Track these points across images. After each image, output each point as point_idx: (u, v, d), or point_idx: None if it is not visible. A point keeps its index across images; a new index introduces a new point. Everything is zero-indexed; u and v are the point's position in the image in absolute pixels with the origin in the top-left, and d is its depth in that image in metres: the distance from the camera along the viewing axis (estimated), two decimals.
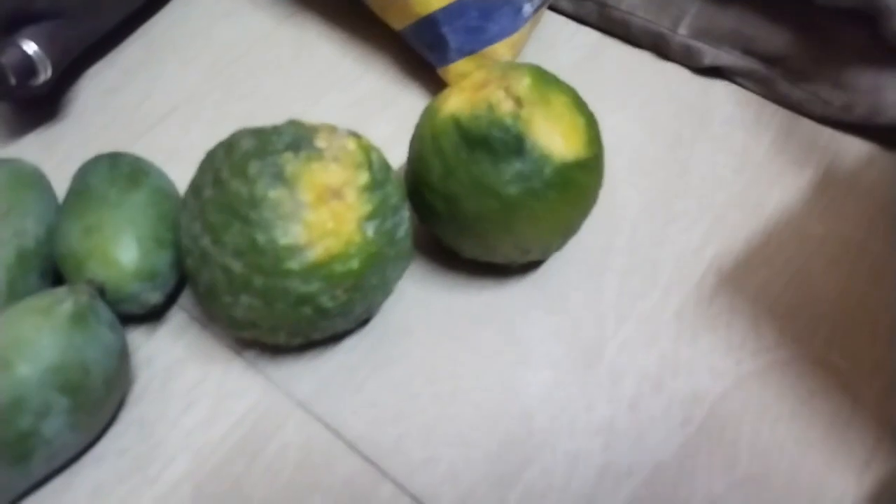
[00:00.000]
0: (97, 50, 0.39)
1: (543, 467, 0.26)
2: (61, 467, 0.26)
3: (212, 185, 0.25)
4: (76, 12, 0.35)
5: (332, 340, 0.29)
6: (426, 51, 0.36)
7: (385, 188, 0.26)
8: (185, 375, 0.28)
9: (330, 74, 0.38)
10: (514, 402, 0.28)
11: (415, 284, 0.30)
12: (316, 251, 0.24)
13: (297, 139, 0.25)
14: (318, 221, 0.24)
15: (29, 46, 0.33)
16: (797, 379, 0.28)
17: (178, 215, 0.28)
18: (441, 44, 0.34)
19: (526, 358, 0.29)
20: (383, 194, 0.26)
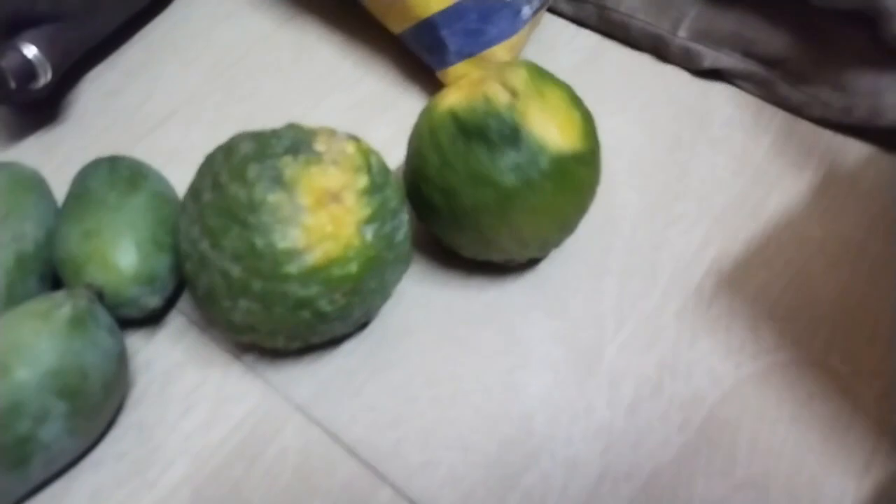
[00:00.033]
0: (97, 52, 0.39)
1: (542, 471, 0.26)
2: (60, 472, 0.26)
3: (211, 189, 0.25)
4: (76, 15, 0.35)
5: (331, 344, 0.29)
6: (425, 54, 0.36)
7: (384, 191, 0.26)
8: (184, 379, 0.28)
9: (330, 77, 0.38)
10: (514, 405, 0.28)
11: (414, 287, 0.30)
12: (315, 255, 0.24)
13: (296, 143, 0.25)
14: (317, 225, 0.24)
15: (29, 50, 0.33)
16: (796, 382, 0.28)
17: (178, 219, 0.28)
18: (440, 47, 0.34)
19: (525, 360, 0.29)
20: (382, 198, 0.25)
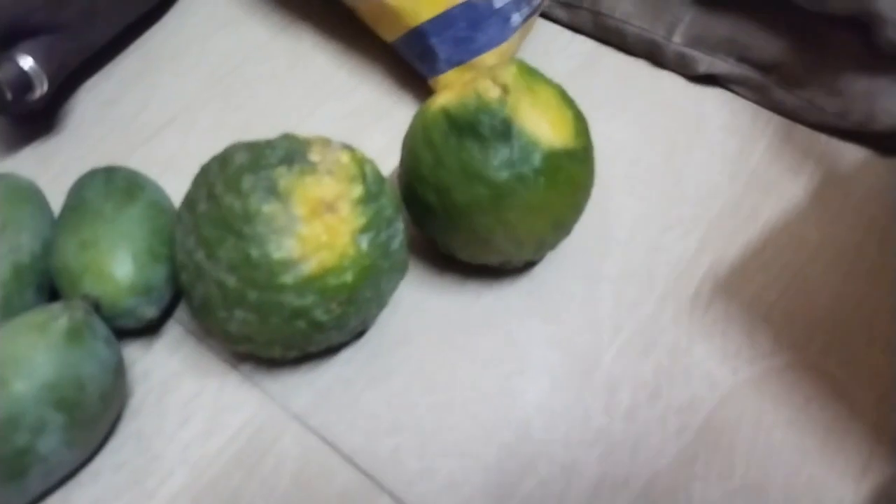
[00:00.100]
0: (94, 62, 0.39)
1: (540, 478, 0.26)
2: (58, 483, 0.26)
3: (206, 200, 0.25)
4: (73, 26, 0.35)
5: (328, 353, 0.29)
6: (417, 62, 0.36)
7: (379, 200, 0.26)
8: (182, 389, 0.28)
9: (325, 86, 0.38)
10: (511, 412, 0.28)
11: (410, 295, 0.30)
12: (310, 265, 0.24)
13: (291, 153, 0.25)
14: (312, 235, 0.24)
15: (25, 61, 0.33)
16: (793, 386, 0.28)
17: (174, 229, 0.28)
18: (430, 55, 0.34)
19: (522, 366, 0.29)
20: (377, 207, 0.26)
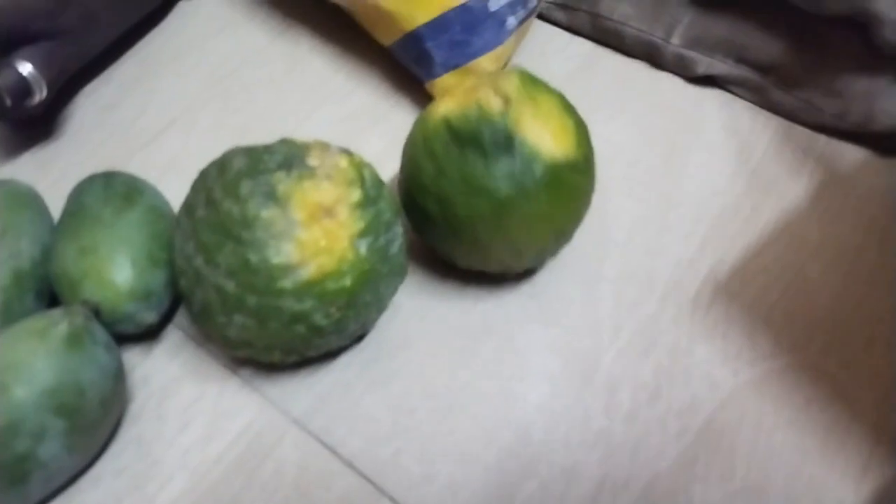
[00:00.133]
0: (93, 67, 0.39)
1: (541, 481, 0.26)
2: (59, 489, 0.26)
3: (204, 205, 0.25)
4: (72, 32, 0.35)
5: (328, 357, 0.29)
6: (413, 66, 0.36)
7: (378, 204, 0.26)
8: (182, 394, 0.28)
9: (322, 89, 0.38)
10: (512, 416, 0.28)
11: (410, 299, 0.30)
12: (309, 269, 0.24)
13: (289, 158, 0.25)
14: (311, 240, 0.24)
15: (24, 67, 0.33)
16: (794, 387, 0.28)
17: (173, 234, 0.28)
18: (426, 58, 0.34)
19: (522, 370, 0.29)
20: (376, 211, 0.26)
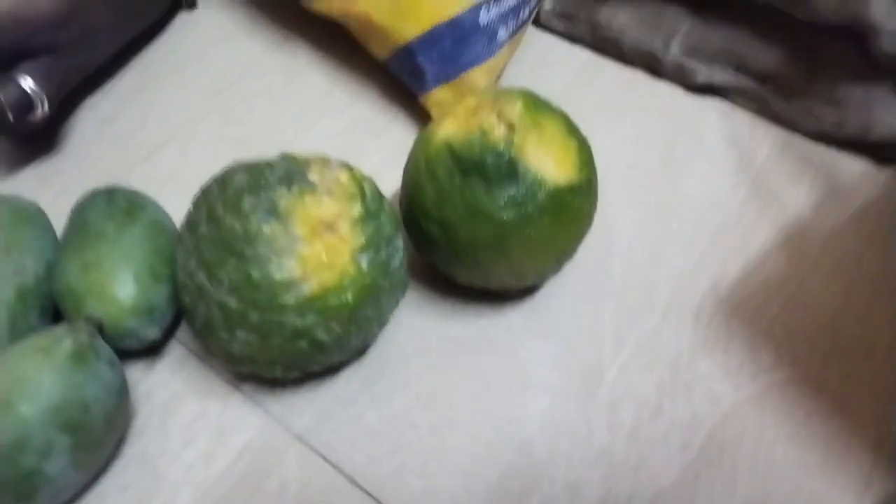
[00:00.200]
0: (93, 80, 0.40)
1: (544, 496, 0.26)
2: None
3: (206, 222, 0.25)
4: (73, 46, 0.35)
5: (330, 372, 0.29)
6: (406, 79, 0.36)
7: (379, 219, 0.26)
8: (185, 410, 0.28)
9: (320, 102, 0.38)
10: (514, 431, 0.28)
11: (411, 313, 0.30)
12: (311, 285, 0.24)
13: (290, 173, 0.25)
14: (312, 255, 0.24)
15: (26, 82, 0.33)
16: (795, 401, 0.28)
17: (175, 250, 0.28)
18: (418, 72, 0.34)
19: (524, 386, 0.29)
20: (377, 225, 0.26)
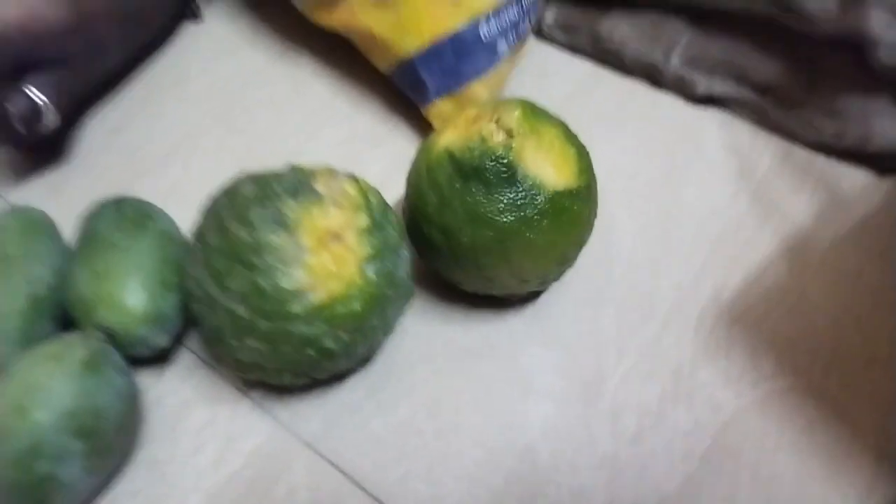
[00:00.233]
0: (99, 91, 0.40)
1: (549, 502, 0.26)
2: None
3: (215, 232, 0.26)
4: (81, 58, 0.36)
5: (336, 379, 0.29)
6: (409, 91, 0.36)
7: (384, 229, 0.26)
8: (194, 416, 0.29)
9: (323, 112, 0.39)
10: (518, 438, 0.28)
11: (415, 321, 0.31)
12: (318, 294, 0.25)
13: (297, 184, 0.26)
14: (320, 265, 0.25)
15: (35, 94, 0.34)
16: (796, 409, 0.28)
17: (184, 260, 0.29)
18: (420, 85, 0.35)
19: (528, 392, 0.29)
20: (383, 235, 0.26)
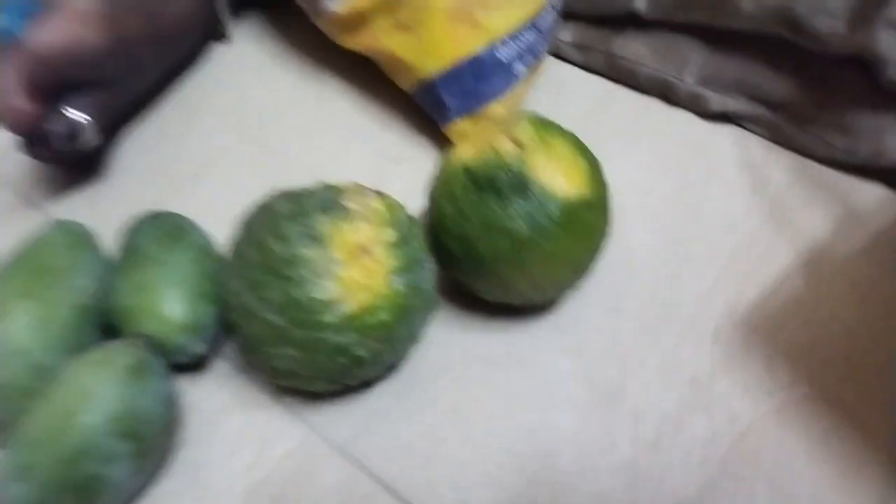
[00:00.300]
0: (134, 110, 0.41)
1: None
2: None
3: (252, 246, 0.27)
4: (118, 79, 0.37)
5: (364, 386, 0.31)
6: (431, 111, 0.38)
7: (410, 243, 0.28)
8: (230, 421, 0.30)
9: (349, 130, 0.40)
10: (540, 443, 0.29)
11: (439, 330, 0.32)
12: (349, 305, 0.26)
13: (328, 201, 0.27)
14: (351, 277, 0.26)
15: (76, 114, 0.35)
16: (812, 417, 0.29)
17: (221, 272, 0.30)
18: (441, 105, 0.37)
19: (549, 399, 0.30)
20: (409, 249, 0.27)
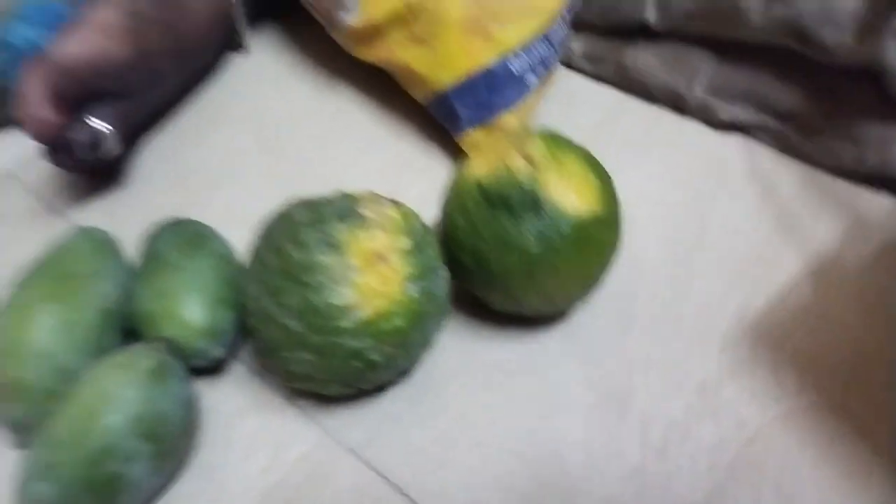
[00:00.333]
0: (154, 119, 0.42)
1: None
2: None
3: (271, 253, 0.28)
4: (140, 89, 0.39)
5: (378, 391, 0.31)
6: (444, 121, 0.39)
7: (424, 251, 0.28)
8: (246, 424, 0.31)
9: (364, 139, 0.41)
10: (550, 449, 0.29)
11: (451, 337, 0.33)
12: (365, 310, 0.27)
13: (345, 209, 0.28)
14: (367, 283, 0.27)
15: (98, 123, 0.36)
16: (818, 425, 0.29)
17: (240, 278, 0.31)
18: (454, 116, 0.37)
19: (558, 406, 0.30)
20: (423, 256, 0.28)
